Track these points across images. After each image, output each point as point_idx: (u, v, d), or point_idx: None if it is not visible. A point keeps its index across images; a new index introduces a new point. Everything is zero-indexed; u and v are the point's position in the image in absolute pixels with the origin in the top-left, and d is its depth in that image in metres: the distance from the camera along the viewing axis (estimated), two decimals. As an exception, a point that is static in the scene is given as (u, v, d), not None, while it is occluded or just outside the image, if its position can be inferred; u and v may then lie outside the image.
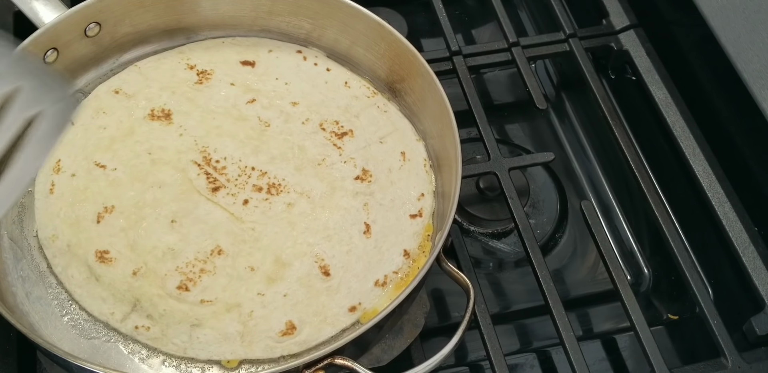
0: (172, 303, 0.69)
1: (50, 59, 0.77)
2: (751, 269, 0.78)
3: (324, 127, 0.80)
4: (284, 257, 0.72)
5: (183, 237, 0.72)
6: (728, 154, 0.86)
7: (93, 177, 0.75)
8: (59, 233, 0.72)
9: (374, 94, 0.83)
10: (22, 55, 0.69)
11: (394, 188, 0.77)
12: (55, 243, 0.72)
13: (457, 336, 0.63)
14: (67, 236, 0.72)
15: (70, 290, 0.70)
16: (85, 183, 0.74)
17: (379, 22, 0.79)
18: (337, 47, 0.85)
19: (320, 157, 0.78)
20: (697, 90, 0.91)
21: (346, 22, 0.81)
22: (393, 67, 0.82)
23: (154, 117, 0.79)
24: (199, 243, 0.72)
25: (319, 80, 0.84)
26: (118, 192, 0.74)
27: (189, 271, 0.70)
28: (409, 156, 0.79)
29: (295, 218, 0.74)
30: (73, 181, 0.75)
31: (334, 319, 0.70)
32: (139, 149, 0.76)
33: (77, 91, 0.82)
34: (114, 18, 0.80)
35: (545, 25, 1.08)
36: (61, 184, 0.74)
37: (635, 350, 0.82)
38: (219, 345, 0.68)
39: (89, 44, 0.80)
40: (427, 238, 0.75)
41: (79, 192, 0.74)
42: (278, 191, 0.75)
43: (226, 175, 0.75)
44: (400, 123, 0.82)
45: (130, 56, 0.84)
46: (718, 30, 0.83)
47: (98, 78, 0.83)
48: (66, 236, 0.72)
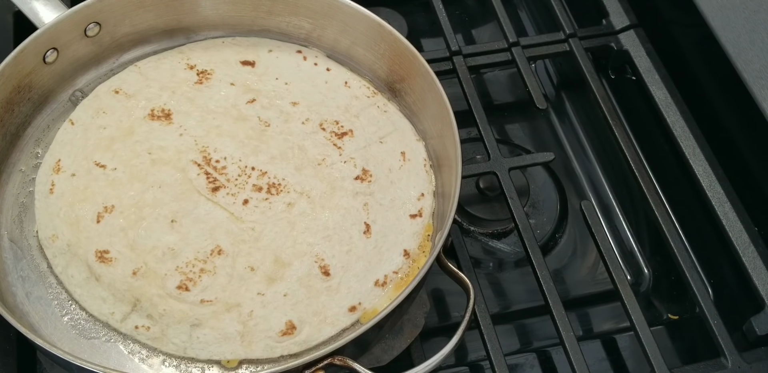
0: (172, 303, 0.69)
1: (50, 59, 0.77)
2: (751, 269, 0.78)
3: (324, 127, 0.80)
4: (284, 257, 0.72)
5: (183, 237, 0.72)
6: (728, 154, 0.86)
7: (93, 177, 0.75)
8: (59, 233, 0.72)
9: (374, 94, 0.83)
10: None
11: (394, 187, 0.77)
12: (55, 243, 0.72)
13: (457, 336, 0.63)
14: (67, 235, 0.72)
15: (70, 290, 0.70)
16: (85, 183, 0.74)
17: (380, 22, 0.79)
18: (337, 47, 0.85)
19: (320, 157, 0.78)
20: (697, 90, 0.91)
21: (346, 22, 0.82)
22: (393, 67, 0.82)
23: (154, 117, 0.79)
24: (199, 243, 0.72)
25: (319, 80, 0.83)
26: (118, 192, 0.74)
27: (189, 271, 0.70)
28: (409, 156, 0.79)
29: (295, 218, 0.74)
30: (73, 181, 0.75)
31: (334, 319, 0.70)
32: (139, 149, 0.76)
33: (77, 91, 0.82)
34: (114, 18, 0.80)
35: (545, 25, 1.08)
36: (61, 184, 0.74)
37: (635, 350, 0.82)
38: (219, 345, 0.68)
39: (89, 44, 0.80)
40: (427, 238, 0.75)
41: (79, 192, 0.74)
42: (278, 190, 0.75)
43: (226, 175, 0.75)
44: (400, 123, 0.82)
45: (130, 56, 0.85)
46: (718, 30, 0.83)
47: (98, 78, 0.83)
48: (66, 235, 0.72)
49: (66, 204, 0.73)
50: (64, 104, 0.81)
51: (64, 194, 0.74)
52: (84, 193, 0.74)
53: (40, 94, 0.79)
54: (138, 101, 0.80)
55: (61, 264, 0.71)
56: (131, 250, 0.71)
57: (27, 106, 0.78)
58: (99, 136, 0.77)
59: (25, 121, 0.79)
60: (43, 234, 0.73)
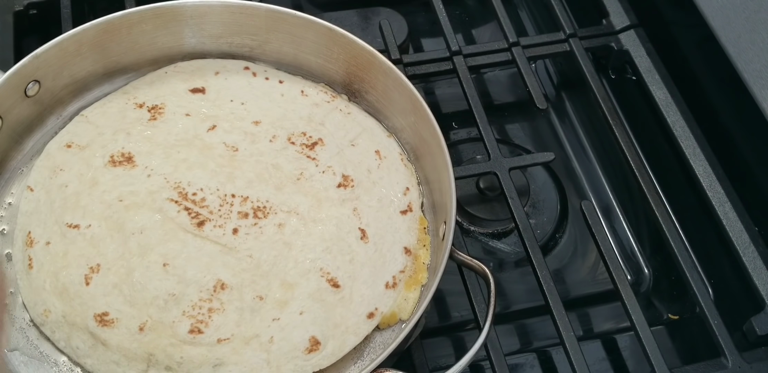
0: (187, 349, 0.66)
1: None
2: (751, 269, 0.78)
3: (293, 141, 0.78)
4: (290, 279, 0.70)
5: (180, 279, 0.69)
6: (728, 154, 0.86)
7: (69, 240, 0.71)
8: (50, 306, 0.68)
9: (333, 98, 0.82)
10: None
11: (377, 187, 0.76)
12: (50, 317, 0.68)
13: (486, 326, 0.64)
14: (59, 307, 0.68)
15: (81, 363, 0.67)
16: (63, 248, 0.70)
17: (330, 27, 0.77)
18: (282, 59, 0.84)
19: (297, 172, 0.76)
20: (697, 90, 0.91)
21: (292, 32, 0.80)
22: (350, 69, 0.81)
23: (115, 163, 0.75)
24: (199, 281, 0.69)
25: (275, 94, 0.82)
26: (100, 248, 0.70)
27: (197, 313, 0.67)
28: (384, 153, 0.79)
29: (289, 238, 0.72)
30: (50, 250, 0.70)
31: (355, 328, 0.69)
32: (108, 199, 0.72)
33: (25, 155, 0.78)
34: (52, 72, 0.76)
35: (545, 25, 1.08)
36: (39, 256, 0.70)
37: (635, 350, 0.82)
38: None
39: (31, 105, 0.77)
40: (423, 231, 0.75)
41: (59, 259, 0.70)
42: (265, 213, 0.73)
43: (207, 207, 0.72)
44: (366, 122, 0.81)
45: (73, 108, 0.81)
46: (718, 30, 0.83)
47: (44, 137, 0.79)
48: (58, 307, 0.68)
49: (49, 275, 0.69)
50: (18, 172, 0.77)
51: (44, 265, 0.70)
52: (65, 259, 0.70)
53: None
54: (94, 151, 0.75)
55: (63, 338, 0.67)
56: (131, 306, 0.67)
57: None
58: (63, 196, 0.73)
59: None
60: (35, 312, 0.68)
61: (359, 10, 1.05)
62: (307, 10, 1.05)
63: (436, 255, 0.73)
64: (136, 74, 0.83)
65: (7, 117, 0.74)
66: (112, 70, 0.82)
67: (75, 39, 0.75)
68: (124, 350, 0.66)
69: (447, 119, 0.99)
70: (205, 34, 0.82)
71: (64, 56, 0.76)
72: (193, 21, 0.80)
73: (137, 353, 0.66)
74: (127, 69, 0.82)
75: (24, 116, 0.77)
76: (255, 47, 0.83)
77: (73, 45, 0.76)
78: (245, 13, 0.80)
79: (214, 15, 0.80)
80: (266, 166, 0.76)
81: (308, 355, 0.67)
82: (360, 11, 1.05)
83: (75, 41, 0.76)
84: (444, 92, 1.02)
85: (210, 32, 0.82)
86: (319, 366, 0.67)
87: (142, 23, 0.78)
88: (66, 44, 0.75)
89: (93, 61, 0.79)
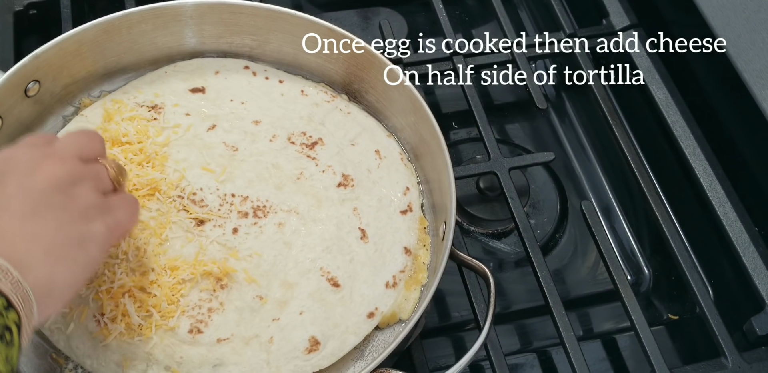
0: (186, 349, 0.66)
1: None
2: (751, 269, 0.78)
3: (293, 141, 0.78)
4: (290, 278, 0.70)
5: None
6: (728, 154, 0.86)
7: None
8: None
9: (333, 98, 0.82)
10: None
11: (377, 187, 0.76)
12: (50, 324, 0.67)
13: (486, 326, 0.64)
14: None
15: (81, 363, 0.67)
16: None
17: (329, 27, 0.77)
18: (283, 59, 0.84)
19: (297, 172, 0.76)
20: (697, 90, 0.91)
21: (292, 32, 0.80)
22: (350, 69, 0.81)
23: None
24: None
25: (275, 94, 0.81)
26: None
27: (197, 313, 0.67)
28: (384, 153, 0.79)
29: (289, 237, 0.72)
30: None
31: (355, 327, 0.69)
32: None
33: None
34: (52, 72, 0.76)
35: (545, 25, 1.08)
36: None
37: (635, 350, 0.82)
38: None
39: (31, 105, 0.76)
40: (423, 231, 0.75)
41: None
42: (265, 213, 0.73)
43: (207, 206, 0.72)
44: (366, 122, 0.81)
45: (73, 108, 0.81)
46: (718, 30, 0.83)
47: None
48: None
49: None
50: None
51: None
52: None
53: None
54: None
55: (63, 338, 0.67)
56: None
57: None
58: None
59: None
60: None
61: (359, 10, 1.05)
62: (307, 10, 1.05)
63: (436, 255, 0.73)
64: (136, 74, 0.82)
65: (7, 117, 0.74)
66: (112, 70, 0.81)
67: (75, 39, 0.75)
68: (123, 350, 0.66)
69: (447, 119, 0.99)
70: (205, 34, 0.82)
71: (64, 56, 0.76)
72: (193, 21, 0.80)
73: (137, 353, 0.66)
74: (127, 69, 0.82)
75: (24, 116, 0.77)
76: (255, 47, 0.83)
77: (73, 45, 0.76)
78: (245, 13, 0.80)
79: (214, 15, 0.80)
80: (266, 165, 0.76)
81: (308, 355, 0.67)
82: (360, 11, 1.05)
83: (75, 41, 0.75)
84: (444, 92, 1.01)
85: (210, 32, 0.82)
86: (319, 366, 0.67)
87: (142, 23, 0.78)
88: (66, 44, 0.75)
89: (93, 61, 0.79)
